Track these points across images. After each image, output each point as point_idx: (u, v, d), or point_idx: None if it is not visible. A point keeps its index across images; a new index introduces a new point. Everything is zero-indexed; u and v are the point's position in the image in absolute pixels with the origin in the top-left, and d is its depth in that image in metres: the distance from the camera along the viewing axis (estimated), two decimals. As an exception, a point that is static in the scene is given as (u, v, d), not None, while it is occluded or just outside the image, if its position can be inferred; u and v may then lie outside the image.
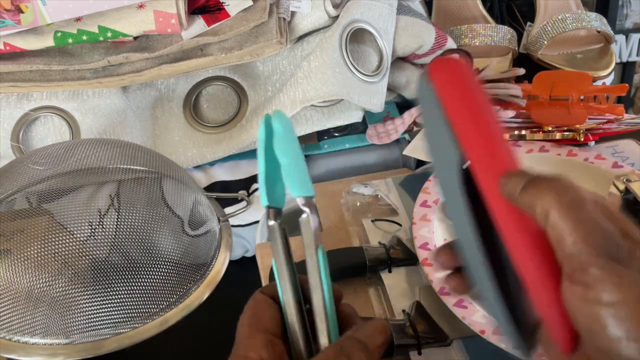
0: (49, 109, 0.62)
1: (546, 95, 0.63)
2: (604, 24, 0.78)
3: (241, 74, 0.67)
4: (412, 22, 0.66)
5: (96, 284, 0.44)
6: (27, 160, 0.51)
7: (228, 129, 0.64)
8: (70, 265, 0.43)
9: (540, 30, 0.77)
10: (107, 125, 0.62)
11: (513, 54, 0.78)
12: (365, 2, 0.63)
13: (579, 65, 0.76)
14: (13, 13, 0.56)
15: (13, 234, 0.45)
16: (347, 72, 0.61)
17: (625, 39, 1.14)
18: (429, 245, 0.52)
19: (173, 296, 0.47)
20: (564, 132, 0.61)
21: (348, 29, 0.62)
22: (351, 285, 0.52)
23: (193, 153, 0.63)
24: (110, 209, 0.47)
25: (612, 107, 0.62)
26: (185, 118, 0.65)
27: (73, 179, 0.48)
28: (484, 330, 0.45)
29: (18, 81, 0.59)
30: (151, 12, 0.57)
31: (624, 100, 1.12)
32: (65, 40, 0.58)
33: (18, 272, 0.43)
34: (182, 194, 0.51)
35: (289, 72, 0.66)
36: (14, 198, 0.48)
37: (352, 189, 0.60)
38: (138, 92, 0.65)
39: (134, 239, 0.46)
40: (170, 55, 0.60)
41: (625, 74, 1.17)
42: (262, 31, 0.60)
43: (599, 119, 0.62)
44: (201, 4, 0.61)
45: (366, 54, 0.65)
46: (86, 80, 0.60)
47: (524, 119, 0.63)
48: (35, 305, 0.43)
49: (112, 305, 0.44)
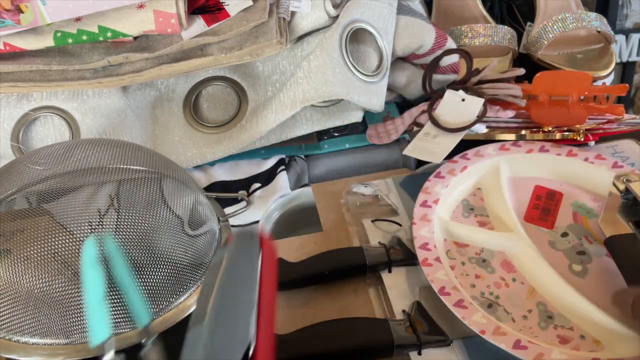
0: (48, 109, 0.62)
1: (546, 96, 0.63)
2: (604, 24, 0.78)
3: (241, 74, 0.67)
4: (412, 22, 0.66)
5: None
6: (27, 161, 0.50)
7: (228, 129, 0.64)
8: (70, 265, 0.43)
9: (540, 30, 0.77)
10: (107, 125, 0.62)
11: (513, 54, 0.78)
12: (365, 2, 0.63)
13: (579, 65, 0.76)
14: (13, 13, 0.56)
15: (13, 234, 0.45)
16: (347, 72, 0.61)
17: (625, 39, 1.14)
18: (429, 245, 0.52)
19: (173, 296, 0.47)
20: (563, 132, 0.61)
21: (348, 29, 0.62)
22: (351, 285, 0.52)
23: (193, 153, 0.63)
24: (110, 209, 0.47)
25: (612, 107, 0.62)
26: (185, 118, 0.65)
27: (73, 179, 0.48)
28: (484, 331, 0.45)
29: (18, 81, 0.59)
30: (151, 12, 0.57)
31: (624, 100, 1.12)
32: (65, 40, 0.58)
33: (18, 272, 0.43)
34: (182, 194, 0.51)
35: (289, 72, 0.66)
36: (13, 198, 0.48)
37: (352, 189, 0.60)
38: (138, 92, 0.65)
39: (133, 239, 0.46)
40: (170, 55, 0.60)
41: (625, 74, 1.17)
42: (262, 31, 0.60)
43: (599, 119, 0.62)
44: (201, 4, 0.61)
45: (366, 54, 0.65)
46: (86, 80, 0.60)
47: (524, 119, 0.63)
48: (35, 305, 0.43)
49: (111, 306, 0.43)
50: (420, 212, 0.55)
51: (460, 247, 0.54)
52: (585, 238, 0.54)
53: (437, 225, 0.55)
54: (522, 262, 0.52)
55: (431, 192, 0.57)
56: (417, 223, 0.54)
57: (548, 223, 0.55)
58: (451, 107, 0.62)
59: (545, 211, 0.56)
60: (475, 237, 0.54)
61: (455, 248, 0.54)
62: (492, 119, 0.62)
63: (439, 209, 0.56)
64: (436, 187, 0.57)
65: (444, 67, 0.67)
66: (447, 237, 0.55)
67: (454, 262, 0.52)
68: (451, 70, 0.68)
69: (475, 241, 0.54)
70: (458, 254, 0.53)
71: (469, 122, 0.59)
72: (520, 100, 0.62)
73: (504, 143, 0.61)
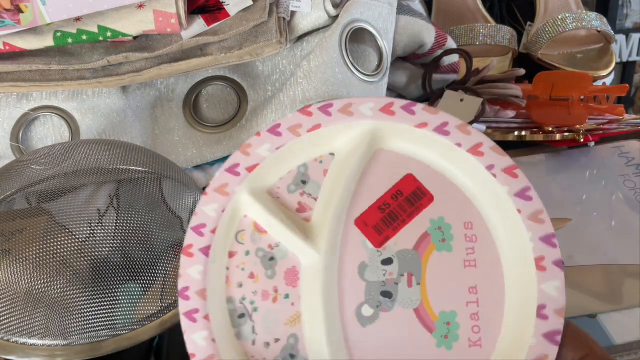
0: (48, 108, 0.62)
1: (546, 96, 0.63)
2: (604, 24, 0.78)
3: (241, 73, 0.66)
4: (412, 22, 0.66)
5: (95, 285, 0.44)
6: (27, 161, 0.51)
7: (228, 129, 0.64)
8: (69, 265, 0.43)
9: (541, 30, 0.77)
10: (106, 125, 0.62)
11: (513, 54, 0.78)
12: (365, 2, 0.63)
13: (579, 65, 0.76)
14: (13, 13, 0.56)
15: (12, 234, 0.45)
16: (347, 72, 0.61)
17: (626, 38, 1.14)
18: (205, 229, 0.41)
19: (172, 297, 0.47)
20: (564, 133, 0.61)
21: (348, 29, 0.62)
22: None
23: (193, 153, 0.63)
24: (109, 209, 0.47)
25: (613, 107, 0.62)
26: (185, 118, 0.65)
27: (72, 179, 0.48)
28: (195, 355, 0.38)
29: (18, 81, 0.59)
30: (151, 11, 0.57)
31: (624, 101, 1.12)
32: (64, 40, 0.58)
33: (17, 272, 0.43)
34: (181, 194, 0.51)
35: (289, 71, 0.65)
36: (13, 198, 0.48)
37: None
38: (138, 92, 0.65)
39: (133, 239, 0.46)
40: (170, 55, 0.60)
41: (625, 74, 1.17)
42: (262, 31, 0.60)
43: (600, 120, 0.62)
44: (201, 3, 0.61)
45: (366, 53, 0.65)
46: (86, 80, 0.60)
47: (524, 119, 0.63)
48: (34, 306, 0.43)
49: (110, 306, 0.44)
50: (221, 180, 0.40)
51: (259, 231, 0.40)
52: (407, 276, 0.38)
53: (238, 201, 0.40)
54: (306, 281, 0.39)
55: (251, 154, 0.41)
56: (209, 194, 0.40)
57: (380, 237, 0.39)
58: (450, 107, 0.62)
59: (390, 218, 0.39)
60: (274, 226, 0.40)
61: (252, 231, 0.40)
62: (492, 119, 0.62)
63: (251, 181, 0.41)
64: (262, 147, 0.41)
65: (444, 67, 0.67)
66: (250, 213, 0.41)
67: (238, 249, 0.40)
68: (451, 70, 0.68)
69: (274, 231, 0.40)
70: (250, 240, 0.40)
71: (468, 122, 0.59)
72: (521, 100, 0.62)
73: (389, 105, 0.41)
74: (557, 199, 0.60)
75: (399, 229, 0.39)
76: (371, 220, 0.39)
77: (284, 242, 0.40)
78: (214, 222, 0.39)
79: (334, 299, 0.38)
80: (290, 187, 0.41)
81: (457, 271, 0.38)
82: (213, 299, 0.38)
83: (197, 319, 0.37)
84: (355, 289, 0.38)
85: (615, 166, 0.62)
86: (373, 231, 0.39)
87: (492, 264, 0.38)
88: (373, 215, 0.39)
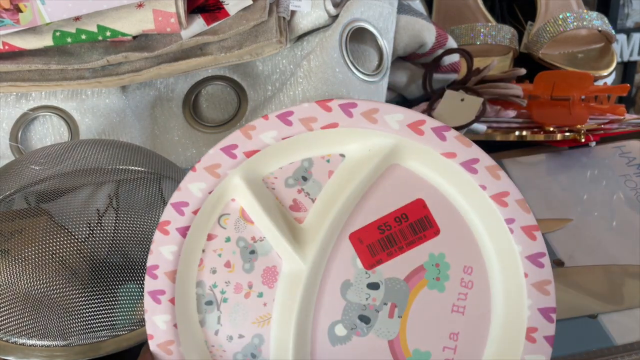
0: (47, 108, 0.61)
1: (547, 95, 0.62)
2: (605, 23, 0.78)
3: (241, 73, 0.66)
4: (412, 22, 0.66)
5: (94, 285, 0.44)
6: (26, 161, 0.50)
7: (228, 129, 0.64)
8: (68, 265, 0.43)
9: (541, 29, 0.77)
10: (106, 125, 0.62)
11: (514, 54, 0.78)
12: (366, 1, 0.63)
13: (580, 65, 0.76)
14: (12, 12, 0.56)
15: (11, 235, 0.44)
16: (348, 72, 0.61)
17: (627, 38, 1.14)
18: (187, 208, 0.40)
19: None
20: (565, 133, 0.61)
21: (348, 28, 0.62)
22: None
23: (192, 153, 0.63)
24: (109, 209, 0.47)
25: (614, 107, 0.62)
26: (184, 118, 0.65)
27: (72, 179, 0.48)
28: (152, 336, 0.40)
29: (17, 80, 0.59)
30: (150, 11, 0.57)
31: (625, 100, 1.12)
32: (64, 40, 0.58)
33: (16, 272, 0.43)
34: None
35: (289, 71, 0.65)
36: (12, 198, 0.48)
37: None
38: (137, 91, 0.65)
39: (132, 239, 0.46)
40: (169, 55, 0.60)
41: (626, 74, 1.17)
42: (261, 30, 0.59)
43: (601, 119, 0.62)
44: (201, 3, 0.61)
45: (366, 53, 0.65)
46: (85, 79, 0.60)
47: (525, 119, 0.63)
48: (33, 306, 0.43)
49: (110, 307, 0.43)
50: (214, 159, 0.37)
51: (245, 220, 0.38)
52: (390, 305, 0.36)
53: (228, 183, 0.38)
54: (284, 286, 0.37)
55: (253, 137, 0.37)
56: (198, 170, 0.38)
57: (372, 259, 0.36)
58: (451, 106, 0.61)
59: (388, 242, 0.36)
60: (263, 219, 0.37)
61: (238, 217, 0.38)
62: (492, 119, 0.62)
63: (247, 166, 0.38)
64: (267, 134, 0.37)
65: (444, 67, 0.67)
66: (239, 198, 0.38)
67: (219, 232, 0.38)
68: (451, 69, 0.68)
69: (261, 224, 0.38)
70: (233, 226, 0.38)
71: (468, 121, 0.59)
72: (521, 100, 0.62)
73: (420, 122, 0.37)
74: (557, 199, 0.60)
75: (394, 255, 0.36)
76: (367, 238, 0.36)
77: (270, 239, 0.37)
78: (198, 202, 0.37)
79: (309, 311, 0.36)
80: (289, 180, 0.38)
81: (443, 313, 0.36)
82: (182, 282, 0.37)
83: (162, 301, 0.36)
84: (334, 306, 0.36)
85: (616, 166, 0.62)
86: (366, 250, 0.36)
87: (481, 316, 0.36)
88: (371, 233, 0.36)
